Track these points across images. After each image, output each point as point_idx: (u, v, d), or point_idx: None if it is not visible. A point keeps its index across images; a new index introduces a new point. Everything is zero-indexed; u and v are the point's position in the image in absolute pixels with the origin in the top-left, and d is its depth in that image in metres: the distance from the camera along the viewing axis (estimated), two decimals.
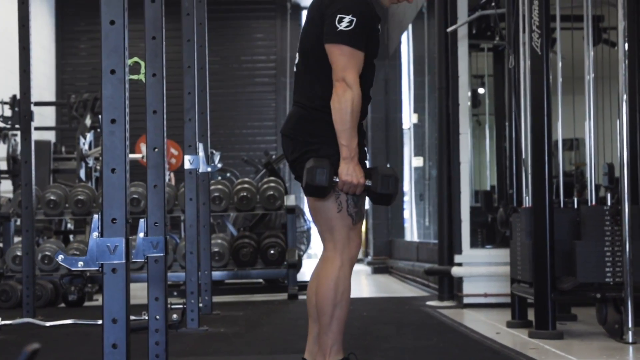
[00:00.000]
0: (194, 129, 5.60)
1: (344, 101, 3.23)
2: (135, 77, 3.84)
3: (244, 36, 16.30)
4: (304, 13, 16.90)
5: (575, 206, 5.23)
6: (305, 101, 3.38)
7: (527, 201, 5.30)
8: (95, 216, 2.77)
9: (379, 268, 12.42)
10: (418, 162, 11.96)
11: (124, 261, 2.73)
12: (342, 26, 3.26)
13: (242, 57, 16.24)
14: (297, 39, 17.59)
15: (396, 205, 13.15)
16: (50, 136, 13.75)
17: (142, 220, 3.73)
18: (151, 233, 3.81)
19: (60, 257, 2.82)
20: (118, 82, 2.74)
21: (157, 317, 3.91)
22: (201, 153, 5.61)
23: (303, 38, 3.46)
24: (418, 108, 11.86)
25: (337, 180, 3.25)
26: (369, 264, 12.95)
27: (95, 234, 2.74)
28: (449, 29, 6.91)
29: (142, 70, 3.88)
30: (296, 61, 3.48)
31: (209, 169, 5.80)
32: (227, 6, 15.66)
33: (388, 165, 4.34)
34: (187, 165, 5.55)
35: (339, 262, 3.35)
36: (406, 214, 12.74)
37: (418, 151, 11.94)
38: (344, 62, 3.25)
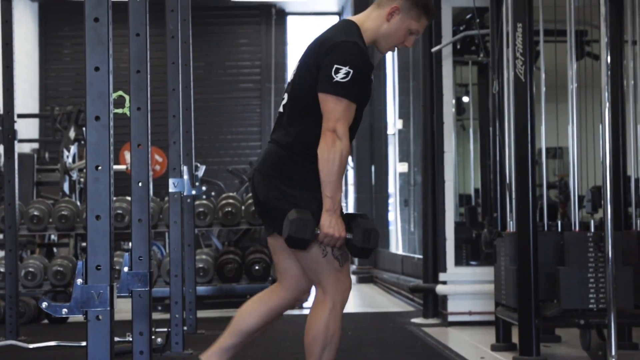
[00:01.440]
0: (178, 152, 5.59)
1: (332, 152, 3.21)
2: (119, 110, 3.83)
3: (228, 42, 16.27)
4: (289, 19, 16.87)
5: (560, 229, 5.25)
6: (286, 143, 3.36)
7: (512, 226, 5.31)
8: (80, 262, 2.77)
9: (363, 277, 12.43)
10: (403, 167, 11.97)
11: (108, 308, 2.73)
12: (339, 77, 3.24)
13: (226, 62, 16.21)
14: (282, 45, 17.37)
15: (380, 214, 13.18)
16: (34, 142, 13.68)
17: (126, 255, 3.73)
18: (135, 267, 3.80)
19: (44, 304, 2.82)
20: (103, 129, 2.72)
21: (142, 351, 3.91)
22: (186, 176, 5.59)
23: (295, 81, 3.41)
24: (402, 114, 11.89)
25: (319, 232, 3.25)
26: (353, 273, 12.95)
27: (79, 280, 2.74)
28: (434, 49, 6.92)
29: (127, 104, 3.87)
30: (283, 101, 3.46)
31: (194, 192, 5.79)
32: (212, 12, 15.62)
33: (373, 208, 4.36)
34: (171, 189, 5.54)
35: (330, 305, 3.35)
36: (391, 217, 12.76)
37: (403, 157, 11.96)
38: (337, 113, 3.24)
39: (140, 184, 3.87)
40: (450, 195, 6.98)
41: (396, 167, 12.33)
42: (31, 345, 5.79)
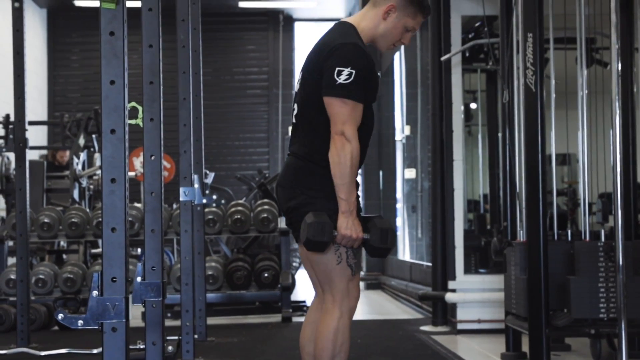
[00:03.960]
0: (189, 161, 5.60)
1: (342, 155, 3.24)
2: (132, 121, 3.85)
3: (236, 48, 16.29)
4: (297, 25, 16.90)
5: (569, 238, 5.26)
6: (304, 154, 3.39)
7: (522, 235, 5.32)
8: (95, 274, 2.78)
9: (371, 284, 12.44)
10: (410, 174, 11.98)
11: (124, 320, 2.75)
12: (342, 79, 3.26)
13: (234, 69, 16.23)
14: (289, 51, 17.39)
15: (388, 219, 13.17)
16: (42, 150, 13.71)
17: (139, 265, 3.75)
18: (148, 277, 3.82)
19: (60, 315, 2.83)
20: (118, 142, 2.74)
21: None
22: (196, 185, 5.61)
23: (301, 89, 3.45)
24: (410, 120, 11.91)
25: (336, 234, 3.27)
26: (361, 279, 12.95)
27: (95, 292, 2.76)
28: (443, 58, 6.93)
29: (140, 114, 3.89)
30: (295, 112, 3.48)
31: (205, 201, 5.81)
32: (219, 18, 15.66)
33: (381, 214, 4.39)
34: (182, 198, 5.56)
35: (338, 314, 3.36)
36: (398, 223, 12.76)
37: (410, 163, 11.98)
38: (343, 115, 3.26)
39: (153, 195, 3.89)
40: (459, 204, 6.99)
41: (404, 173, 12.34)
42: (42, 353, 5.81)
